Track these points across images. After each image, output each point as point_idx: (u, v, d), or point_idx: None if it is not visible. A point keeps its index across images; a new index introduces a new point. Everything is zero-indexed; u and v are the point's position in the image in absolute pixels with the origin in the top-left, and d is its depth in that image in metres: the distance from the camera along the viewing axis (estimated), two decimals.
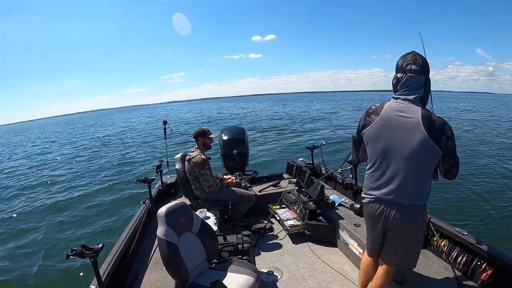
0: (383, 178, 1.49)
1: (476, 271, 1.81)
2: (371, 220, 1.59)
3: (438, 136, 1.36)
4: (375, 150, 1.52)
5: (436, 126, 1.36)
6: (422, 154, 1.38)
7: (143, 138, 18.43)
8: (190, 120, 30.30)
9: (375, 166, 1.53)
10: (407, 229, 1.49)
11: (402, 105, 1.44)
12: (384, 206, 1.49)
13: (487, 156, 9.19)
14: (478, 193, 5.97)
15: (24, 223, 6.03)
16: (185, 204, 1.91)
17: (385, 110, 1.48)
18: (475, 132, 14.45)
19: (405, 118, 1.41)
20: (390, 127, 1.45)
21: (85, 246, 1.44)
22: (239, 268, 1.84)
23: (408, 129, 1.39)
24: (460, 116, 23.04)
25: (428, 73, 1.47)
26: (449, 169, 1.46)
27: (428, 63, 1.47)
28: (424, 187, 1.46)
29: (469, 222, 4.71)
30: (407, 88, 1.44)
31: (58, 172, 10.85)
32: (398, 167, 1.44)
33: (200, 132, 3.04)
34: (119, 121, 43.37)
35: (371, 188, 1.55)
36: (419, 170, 1.43)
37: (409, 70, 1.44)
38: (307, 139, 13.11)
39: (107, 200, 6.96)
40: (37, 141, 25.58)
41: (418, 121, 1.37)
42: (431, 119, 1.37)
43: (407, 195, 1.44)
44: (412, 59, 1.45)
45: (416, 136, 1.37)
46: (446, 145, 1.37)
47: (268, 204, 3.37)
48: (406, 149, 1.40)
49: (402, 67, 1.47)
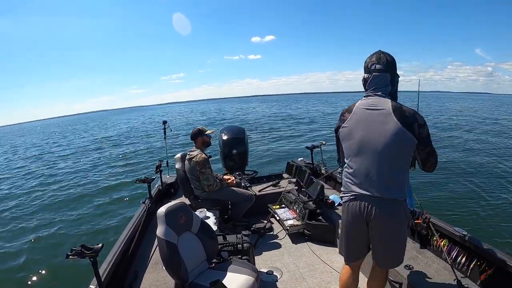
0: (360, 173, 1.47)
1: (476, 271, 1.81)
2: (352, 219, 1.53)
3: (410, 124, 1.38)
4: (350, 146, 1.52)
5: (407, 115, 1.39)
6: (397, 143, 1.39)
7: (143, 138, 18.43)
8: (190, 120, 30.31)
9: (352, 163, 1.51)
10: (389, 225, 1.47)
11: (372, 100, 1.48)
12: (365, 203, 1.46)
13: (487, 156, 9.19)
14: (478, 193, 5.97)
15: (24, 223, 6.03)
16: (185, 204, 1.91)
17: (357, 107, 1.52)
18: (474, 132, 14.46)
19: (376, 110, 1.44)
20: (362, 121, 1.47)
21: (85, 246, 1.44)
22: (239, 268, 1.84)
23: (380, 121, 1.42)
24: (459, 116, 23.05)
25: (394, 70, 1.50)
26: (426, 158, 1.46)
27: (393, 61, 1.50)
28: (402, 179, 1.44)
29: (469, 222, 4.71)
30: (375, 86, 1.49)
31: (57, 172, 10.84)
32: (374, 160, 1.43)
33: (196, 132, 3.05)
34: (119, 122, 43.36)
35: (350, 185, 1.52)
36: (395, 161, 1.42)
37: (374, 70, 1.49)
38: (307, 139, 13.12)
39: (107, 200, 6.96)
40: (38, 142, 25.57)
41: (389, 111, 1.41)
42: (401, 109, 1.41)
43: (386, 188, 1.42)
44: (376, 59, 1.49)
45: (389, 126, 1.39)
46: (419, 132, 1.39)
47: (267, 204, 3.37)
48: (380, 140, 1.41)
49: (368, 68, 1.52)
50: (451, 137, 12.89)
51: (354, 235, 1.58)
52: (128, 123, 38.49)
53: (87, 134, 27.31)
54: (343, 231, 1.64)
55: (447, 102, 50.57)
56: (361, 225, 1.51)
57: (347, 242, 1.62)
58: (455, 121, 19.36)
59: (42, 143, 23.43)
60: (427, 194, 5.72)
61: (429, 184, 6.25)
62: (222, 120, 26.66)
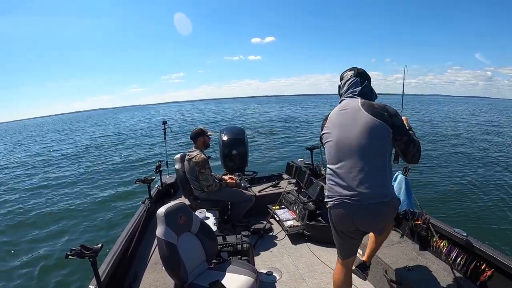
0: (341, 174, 1.45)
1: (475, 272, 1.81)
2: (339, 223, 1.55)
3: (381, 114, 1.40)
4: (329, 150, 1.54)
5: (376, 107, 1.44)
6: (371, 134, 1.38)
7: (143, 138, 18.43)
8: (189, 119, 30.32)
9: (332, 165, 1.52)
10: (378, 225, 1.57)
11: (343, 102, 1.56)
12: (350, 208, 1.44)
13: (486, 157, 9.20)
14: (478, 194, 5.98)
15: (23, 223, 6.03)
16: (185, 204, 1.91)
17: (332, 113, 1.59)
18: (474, 134, 14.47)
19: (347, 110, 1.50)
20: (336, 123, 1.52)
21: (84, 246, 1.43)
22: (238, 268, 1.84)
23: (352, 118, 1.45)
24: (458, 119, 23.09)
25: (364, 77, 1.59)
26: (405, 148, 1.44)
27: (364, 71, 1.61)
28: (384, 175, 1.42)
29: (468, 223, 4.72)
30: (346, 89, 1.59)
31: (57, 172, 10.83)
32: (353, 158, 1.42)
33: (198, 132, 3.05)
34: (118, 121, 43.36)
35: (333, 187, 1.51)
36: (374, 154, 1.40)
37: (346, 76, 1.62)
38: (306, 140, 13.13)
39: (107, 200, 6.96)
40: (37, 141, 25.55)
41: (358, 107, 1.46)
42: (370, 103, 1.47)
43: (371, 189, 1.39)
44: (348, 69, 1.64)
45: (360, 120, 1.42)
46: (392, 121, 1.39)
47: (267, 205, 3.37)
48: (354, 135, 1.41)
49: (341, 77, 1.65)
50: (451, 139, 12.91)
51: (343, 237, 1.61)
52: (127, 122, 38.49)
53: (86, 133, 27.28)
54: (334, 235, 1.67)
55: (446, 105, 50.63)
56: (349, 227, 1.53)
57: (339, 243, 1.67)
58: (455, 123, 19.42)
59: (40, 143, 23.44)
60: (427, 195, 5.72)
61: (429, 185, 6.26)
62: (221, 120, 26.68)
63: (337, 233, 1.62)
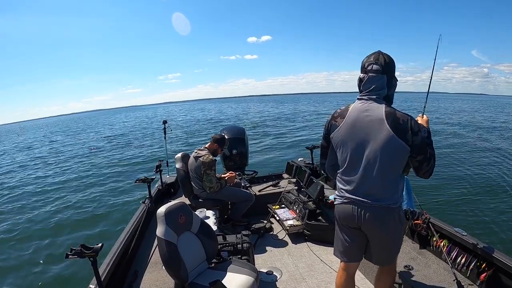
0: (355, 180, 1.45)
1: (475, 271, 1.82)
2: (346, 220, 1.53)
3: (403, 132, 1.33)
4: (344, 153, 1.49)
5: (401, 122, 1.34)
6: (389, 152, 1.36)
7: (143, 138, 18.43)
8: (189, 121, 30.31)
9: (345, 169, 1.50)
10: (384, 232, 1.47)
11: (366, 105, 1.42)
12: (357, 208, 1.45)
13: (486, 157, 9.19)
14: (478, 194, 5.97)
15: (23, 222, 6.02)
16: (185, 203, 1.91)
17: (350, 112, 1.45)
18: (473, 133, 14.46)
19: (369, 117, 1.39)
20: (356, 128, 1.43)
21: (85, 246, 1.44)
22: (239, 268, 1.84)
23: (373, 128, 1.37)
24: (457, 117, 23.07)
25: (392, 73, 1.44)
26: (419, 166, 1.41)
27: (393, 63, 1.44)
28: (395, 187, 1.43)
29: (468, 222, 4.71)
30: (369, 88, 1.42)
31: (57, 173, 10.84)
32: (368, 168, 1.41)
33: (221, 140, 3.05)
34: (116, 121, 43.34)
35: (344, 190, 1.51)
36: (388, 169, 1.40)
37: (370, 70, 1.42)
38: (306, 139, 13.12)
39: (107, 200, 6.96)
40: (35, 142, 25.55)
41: (382, 118, 1.36)
42: (395, 116, 1.35)
43: (378, 196, 1.41)
44: (374, 59, 1.43)
45: (382, 134, 1.35)
46: (412, 140, 1.35)
47: (267, 204, 3.37)
48: (373, 147, 1.38)
49: (364, 67, 1.45)
50: (450, 138, 12.91)
51: (347, 235, 1.58)
52: (125, 122, 38.47)
53: (84, 134, 27.28)
54: (337, 232, 1.64)
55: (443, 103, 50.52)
56: (353, 225, 1.52)
57: (342, 242, 1.61)
58: (454, 121, 19.40)
59: (40, 142, 23.44)
60: (427, 195, 5.72)
61: (429, 185, 6.25)
62: (221, 121, 26.67)
63: (340, 229, 1.60)
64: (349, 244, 1.58)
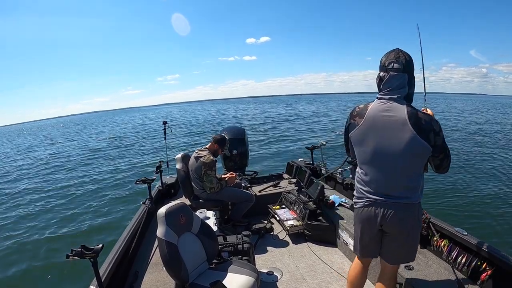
0: (375, 180, 1.47)
1: (476, 271, 1.81)
2: (367, 223, 1.54)
3: (426, 133, 1.34)
4: (364, 153, 1.48)
5: (423, 123, 1.34)
6: (412, 152, 1.37)
7: (143, 139, 18.43)
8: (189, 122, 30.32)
9: (366, 169, 1.50)
10: (404, 228, 1.48)
11: (387, 105, 1.40)
12: (380, 208, 1.46)
13: (487, 156, 9.19)
14: (478, 193, 5.97)
15: (24, 223, 6.03)
16: (185, 204, 1.91)
17: (370, 111, 1.44)
18: (473, 132, 14.46)
19: (391, 118, 1.38)
20: (376, 128, 1.42)
21: (85, 247, 1.44)
22: (239, 268, 1.84)
23: (396, 129, 1.37)
24: (457, 117, 23.07)
25: (412, 71, 1.43)
26: (440, 164, 1.45)
27: (412, 61, 1.43)
28: (418, 184, 1.45)
29: (469, 222, 4.71)
30: (390, 87, 1.40)
31: (56, 172, 10.84)
32: (390, 168, 1.42)
33: (221, 140, 3.05)
34: (116, 123, 43.33)
35: (364, 191, 1.52)
36: (411, 168, 1.42)
37: (391, 69, 1.40)
38: (307, 139, 13.12)
39: (107, 201, 6.96)
40: (34, 144, 25.56)
41: (404, 119, 1.35)
42: (417, 116, 1.35)
43: (402, 194, 1.43)
44: (394, 57, 1.41)
45: (404, 134, 1.35)
46: (435, 140, 1.36)
47: (268, 204, 3.37)
48: (396, 148, 1.38)
49: (384, 66, 1.43)
50: (449, 138, 12.89)
51: (368, 238, 1.59)
52: (125, 123, 38.45)
53: (84, 135, 27.27)
54: (357, 234, 1.65)
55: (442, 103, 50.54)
56: (375, 229, 1.53)
57: (362, 243, 1.63)
58: (453, 121, 19.39)
59: (41, 143, 23.44)
60: (427, 195, 5.71)
61: (429, 185, 6.25)
62: (220, 121, 26.66)
63: (361, 231, 1.61)
64: (368, 242, 1.60)
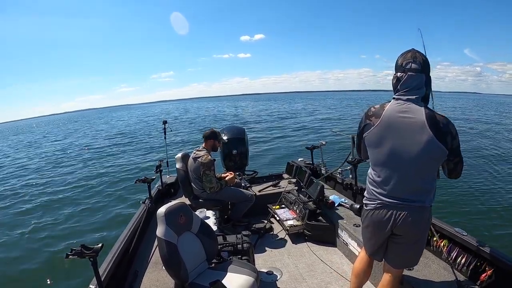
0: (390, 182, 1.44)
1: (476, 271, 1.81)
2: (378, 225, 1.52)
3: (444, 136, 1.33)
4: (379, 154, 1.46)
5: (441, 126, 1.33)
6: (430, 155, 1.35)
7: (142, 138, 18.42)
8: (188, 119, 30.30)
9: (380, 171, 1.47)
10: (418, 231, 1.47)
11: (404, 106, 1.38)
12: (393, 211, 1.44)
13: (486, 156, 9.18)
14: (478, 194, 5.96)
15: (24, 222, 6.02)
16: (185, 204, 1.91)
17: (387, 112, 1.42)
18: (472, 132, 14.45)
19: (409, 119, 1.36)
20: (393, 129, 1.40)
21: (85, 246, 1.44)
22: (239, 268, 1.84)
23: (414, 130, 1.35)
24: (457, 116, 23.06)
25: (428, 72, 1.42)
26: (454, 168, 1.44)
27: (428, 61, 1.42)
28: (431, 187, 1.44)
29: (469, 222, 4.71)
30: (408, 88, 1.39)
31: (55, 172, 10.84)
32: (406, 170, 1.40)
33: (212, 134, 3.03)
34: (111, 120, 43.29)
35: (377, 193, 1.50)
36: (426, 171, 1.40)
37: (409, 69, 1.39)
38: (307, 139, 13.11)
39: (107, 200, 6.96)
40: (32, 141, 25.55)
41: (423, 121, 1.33)
42: (435, 119, 1.34)
43: (416, 197, 1.41)
44: (412, 57, 1.40)
45: (422, 137, 1.33)
46: (451, 144, 1.35)
47: (267, 204, 3.37)
48: (413, 151, 1.36)
49: (402, 66, 1.42)
50: None
51: (376, 242, 1.58)
52: (122, 121, 38.39)
53: (81, 134, 27.21)
54: (365, 236, 1.64)
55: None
56: (385, 234, 1.52)
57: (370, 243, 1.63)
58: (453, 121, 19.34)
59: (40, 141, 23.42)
60: None
61: None
62: (220, 121, 26.66)
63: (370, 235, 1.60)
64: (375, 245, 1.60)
